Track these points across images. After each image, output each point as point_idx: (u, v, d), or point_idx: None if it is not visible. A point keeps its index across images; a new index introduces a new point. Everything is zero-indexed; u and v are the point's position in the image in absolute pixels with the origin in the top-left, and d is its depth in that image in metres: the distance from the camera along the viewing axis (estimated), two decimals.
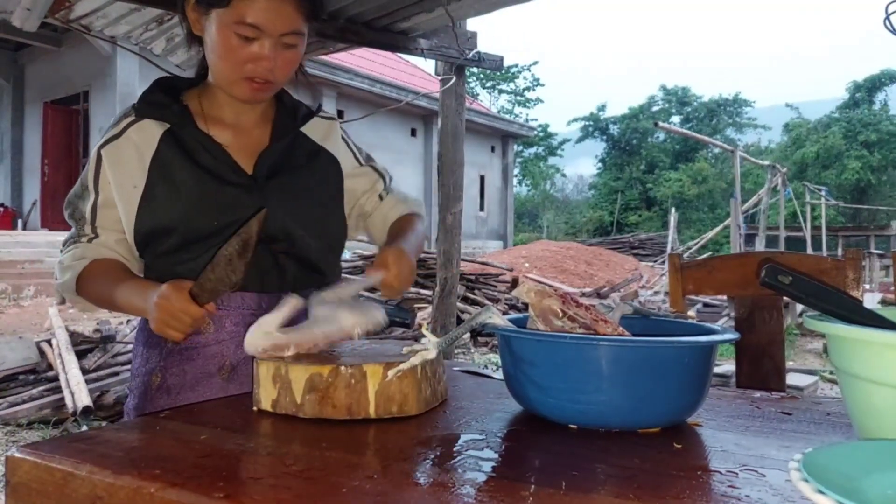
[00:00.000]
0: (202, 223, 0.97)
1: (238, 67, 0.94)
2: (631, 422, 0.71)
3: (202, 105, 1.03)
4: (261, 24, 0.91)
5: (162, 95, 1.01)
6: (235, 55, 0.93)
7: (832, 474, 0.44)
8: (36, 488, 0.61)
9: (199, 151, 0.99)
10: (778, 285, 0.67)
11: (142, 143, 0.99)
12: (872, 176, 23.14)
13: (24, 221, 10.52)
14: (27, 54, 10.86)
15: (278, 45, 0.94)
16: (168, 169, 0.98)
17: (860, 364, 0.60)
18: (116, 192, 0.99)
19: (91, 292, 1.00)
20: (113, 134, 1.00)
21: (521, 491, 0.53)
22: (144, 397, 1.01)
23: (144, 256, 1.02)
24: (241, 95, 0.98)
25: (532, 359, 0.73)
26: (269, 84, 0.97)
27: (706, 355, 0.74)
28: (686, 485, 0.56)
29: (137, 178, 0.98)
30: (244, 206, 0.98)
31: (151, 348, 1.02)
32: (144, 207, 0.98)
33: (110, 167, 0.99)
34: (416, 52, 3.07)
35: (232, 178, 0.99)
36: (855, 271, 1.28)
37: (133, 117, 1.01)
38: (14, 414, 3.25)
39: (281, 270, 1.02)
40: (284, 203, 1.01)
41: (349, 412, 0.75)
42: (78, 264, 1.00)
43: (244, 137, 1.04)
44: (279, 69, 0.95)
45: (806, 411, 0.83)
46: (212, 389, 1.00)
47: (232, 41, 0.92)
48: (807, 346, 6.28)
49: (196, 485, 0.54)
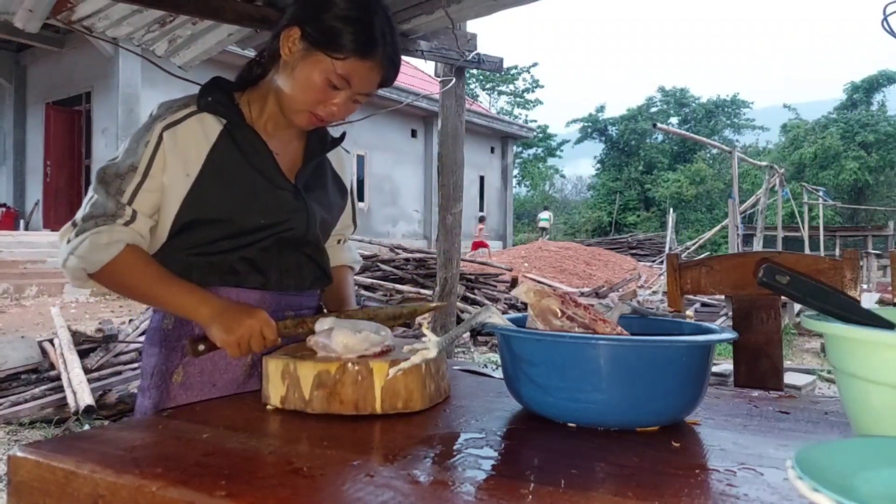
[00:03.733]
0: (248, 220, 1.01)
1: (313, 106, 1.00)
2: (630, 421, 0.72)
3: (251, 110, 1.08)
4: (354, 82, 0.99)
5: (221, 94, 1.05)
6: (317, 95, 0.99)
7: (826, 472, 0.45)
8: (38, 487, 0.61)
9: (251, 153, 1.04)
10: (776, 285, 0.67)
11: (202, 135, 1.02)
12: (870, 176, 23.17)
13: (26, 222, 10.52)
14: (29, 55, 10.84)
15: (353, 98, 1.01)
16: (223, 163, 1.02)
17: (857, 363, 0.60)
18: (167, 177, 0.99)
19: (118, 278, 0.98)
20: (174, 119, 1.01)
21: (521, 489, 0.54)
22: (164, 396, 1.03)
23: (170, 245, 1.03)
24: (297, 123, 1.04)
25: (531, 358, 0.74)
26: (326, 122, 1.05)
27: (704, 355, 0.74)
28: (684, 483, 0.56)
29: (192, 166, 1.00)
30: (290, 210, 1.05)
31: (171, 349, 1.04)
32: (192, 196, 1.00)
33: (170, 150, 0.99)
34: (416, 54, 3.07)
35: (280, 182, 1.05)
36: (852, 271, 1.28)
37: (194, 108, 1.03)
38: (16, 413, 3.24)
39: (300, 272, 1.08)
40: (319, 213, 1.10)
41: (356, 408, 0.76)
42: (115, 247, 0.96)
43: (285, 148, 1.10)
44: (340, 115, 1.03)
45: (803, 410, 0.84)
46: (232, 387, 1.03)
47: (319, 82, 0.98)
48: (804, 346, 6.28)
49: (198, 483, 0.55)
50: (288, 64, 1.00)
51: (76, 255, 0.95)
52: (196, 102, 1.03)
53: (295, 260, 1.08)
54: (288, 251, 1.06)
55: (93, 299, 7.79)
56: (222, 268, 1.02)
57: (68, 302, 7.51)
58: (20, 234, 9.19)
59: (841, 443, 0.53)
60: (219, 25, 2.57)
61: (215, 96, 1.04)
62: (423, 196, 14.13)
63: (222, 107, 1.04)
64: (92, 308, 7.24)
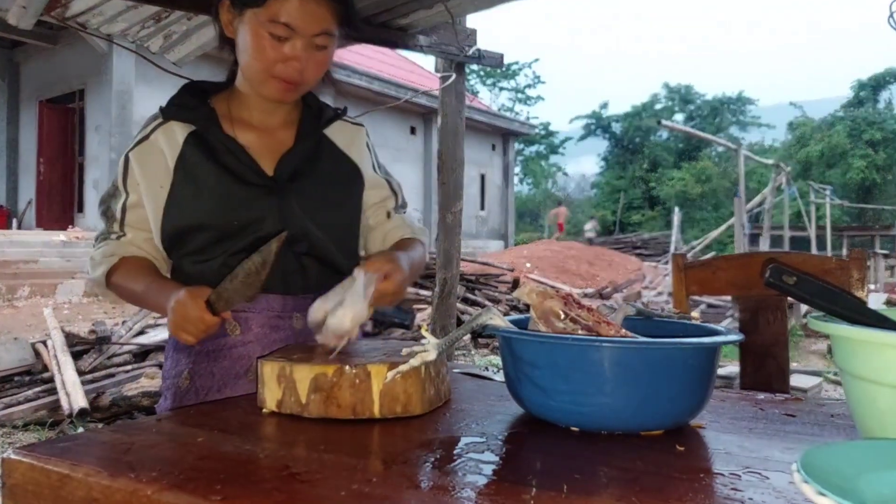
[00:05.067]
0: (222, 223, 1.00)
1: (269, 67, 0.96)
2: (633, 424, 0.71)
3: (230, 108, 1.06)
4: (293, 23, 0.93)
5: (189, 98, 1.05)
6: (267, 55, 0.95)
7: (831, 475, 0.44)
8: (31, 490, 0.60)
9: (222, 152, 1.02)
10: (782, 286, 0.66)
11: (167, 145, 1.02)
12: (877, 175, 23.04)
13: (18, 221, 10.48)
14: (22, 52, 10.82)
15: (309, 47, 0.96)
16: (192, 169, 1.01)
17: (864, 365, 0.59)
18: (145, 193, 1.03)
19: (120, 288, 1.04)
20: (141, 137, 1.05)
21: (522, 494, 0.53)
22: (175, 399, 1.04)
23: (171, 256, 1.06)
24: (270, 95, 1.00)
25: (533, 361, 0.73)
26: (298, 85, 0.99)
27: (710, 357, 0.73)
28: (689, 487, 0.55)
29: (163, 178, 1.01)
30: (262, 207, 1.01)
31: (181, 351, 1.05)
32: (170, 207, 1.01)
33: (139, 169, 1.03)
34: (416, 49, 3.06)
35: (252, 179, 1.02)
36: (860, 271, 1.27)
37: (160, 119, 1.04)
38: (9, 416, 3.25)
39: (304, 272, 1.04)
40: (304, 205, 1.03)
41: (354, 412, 0.75)
42: (108, 261, 1.04)
43: (269, 139, 1.06)
44: (309, 70, 0.98)
45: (810, 413, 0.83)
46: (239, 390, 1.02)
47: (264, 41, 0.94)
48: (811, 347, 6.25)
49: (193, 487, 0.54)
50: (235, 40, 1.00)
51: (90, 274, 1.06)
52: (162, 113, 1.04)
53: (295, 260, 1.03)
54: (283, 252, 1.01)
55: (85, 300, 7.76)
56: (221, 274, 0.99)
57: (61, 303, 7.50)
58: (13, 232, 9.14)
59: (847, 445, 0.52)
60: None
61: (179, 102, 1.03)
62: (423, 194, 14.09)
63: (187, 111, 1.02)
64: (85, 309, 7.22)
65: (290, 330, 1.04)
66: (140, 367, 4.05)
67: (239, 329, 1.03)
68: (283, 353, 0.85)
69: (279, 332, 1.03)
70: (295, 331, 1.04)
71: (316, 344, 0.87)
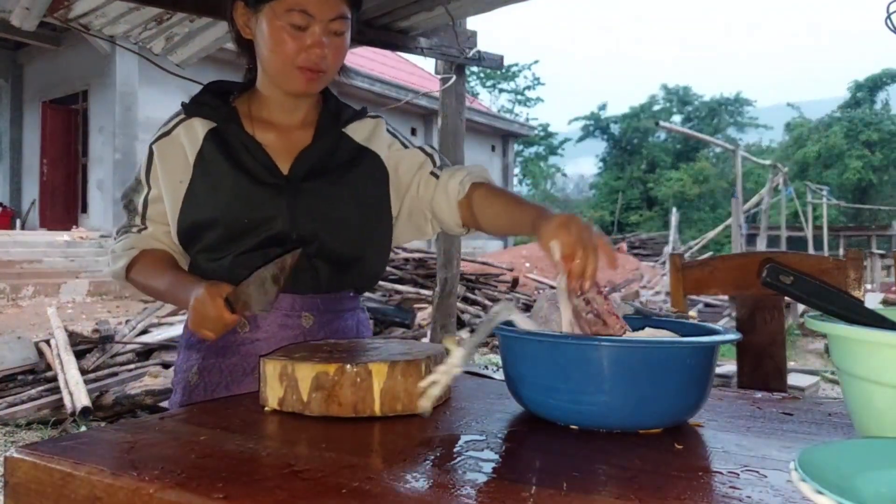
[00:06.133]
0: (234, 221, 1.01)
1: (292, 58, 0.97)
2: (632, 423, 0.71)
3: (251, 108, 1.07)
4: (310, 9, 0.95)
5: (210, 96, 1.06)
6: (288, 47, 0.96)
7: (829, 473, 0.45)
8: (35, 489, 0.61)
9: (240, 151, 1.03)
10: (779, 285, 0.67)
11: (188, 140, 1.04)
12: (874, 176, 23.08)
13: (22, 221, 10.49)
14: (26, 54, 10.82)
15: (328, 33, 0.97)
16: (210, 166, 1.02)
17: (861, 364, 0.60)
18: (165, 187, 1.04)
19: (140, 281, 1.06)
20: (164, 131, 1.06)
21: (522, 492, 0.53)
22: (185, 394, 1.05)
23: (187, 252, 1.07)
24: (295, 88, 1.01)
25: (533, 359, 0.73)
26: (322, 73, 1.00)
27: (708, 356, 0.73)
28: (687, 486, 0.55)
29: (183, 173, 1.03)
30: (273, 207, 1.01)
31: (191, 347, 1.06)
32: (187, 202, 1.02)
33: (161, 162, 1.05)
34: (416, 51, 3.07)
35: (266, 178, 1.02)
36: (856, 271, 1.27)
37: (182, 115, 1.06)
38: (13, 414, 3.25)
39: (314, 272, 1.04)
40: (316, 205, 1.03)
41: (355, 410, 0.75)
42: (128, 254, 1.05)
43: (287, 138, 1.06)
44: (330, 57, 0.99)
45: (807, 412, 0.83)
46: (247, 387, 1.02)
47: (284, 33, 0.96)
48: (808, 347, 6.27)
49: (195, 485, 0.54)
50: (254, 40, 1.01)
51: (110, 266, 1.07)
52: (184, 109, 1.05)
53: (305, 260, 1.01)
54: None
55: (89, 300, 7.78)
56: (233, 272, 1.00)
57: (65, 302, 7.51)
58: (16, 233, 9.15)
59: (844, 444, 0.52)
60: (216, 22, 2.56)
61: (201, 99, 1.05)
62: None
63: (209, 108, 1.04)
64: (88, 308, 7.23)
65: (298, 328, 1.04)
66: (143, 366, 4.05)
67: (248, 326, 1.03)
68: (284, 352, 0.85)
69: (288, 331, 1.03)
70: (304, 329, 1.04)
71: (317, 343, 0.87)
